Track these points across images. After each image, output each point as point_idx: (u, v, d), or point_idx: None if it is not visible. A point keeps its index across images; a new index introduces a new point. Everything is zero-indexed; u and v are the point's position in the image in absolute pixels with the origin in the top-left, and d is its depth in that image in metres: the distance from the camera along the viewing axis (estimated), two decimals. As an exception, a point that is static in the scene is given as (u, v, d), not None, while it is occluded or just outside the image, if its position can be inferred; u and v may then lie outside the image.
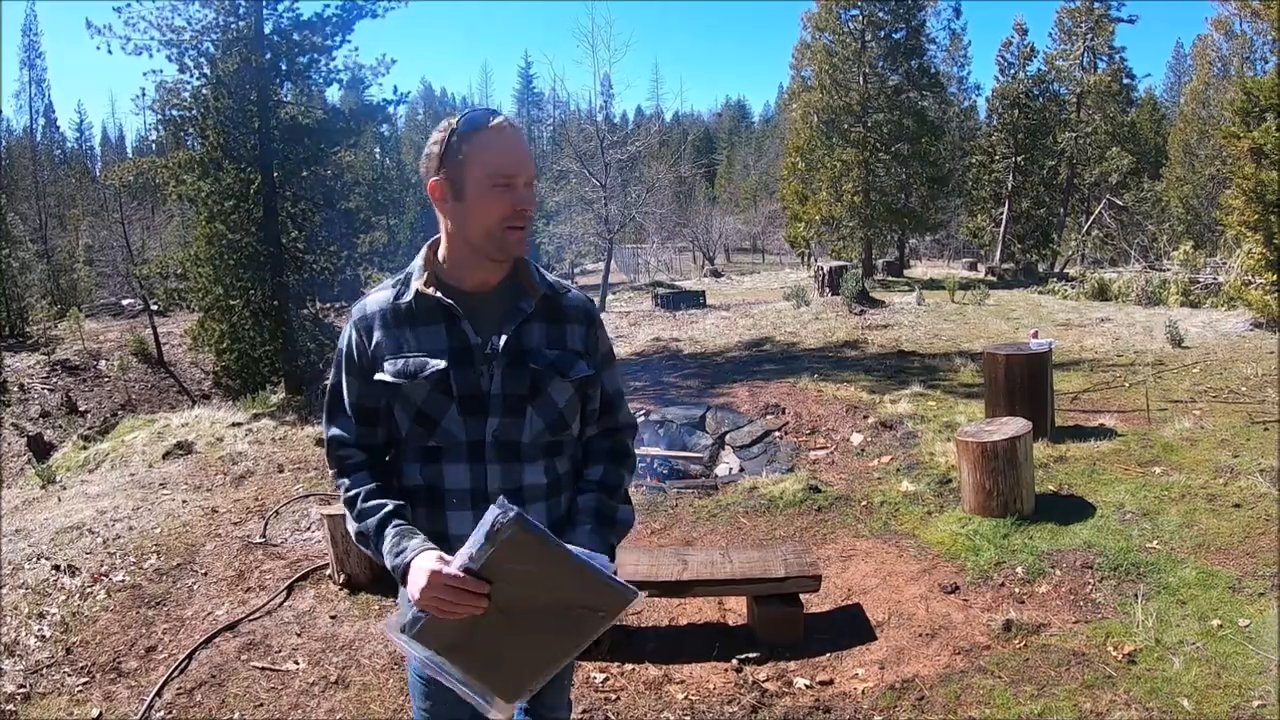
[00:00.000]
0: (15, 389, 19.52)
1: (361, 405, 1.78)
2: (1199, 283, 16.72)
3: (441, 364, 1.70)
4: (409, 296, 1.74)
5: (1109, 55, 30.07)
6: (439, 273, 1.77)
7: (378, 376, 1.72)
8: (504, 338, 1.72)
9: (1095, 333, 12.33)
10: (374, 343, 1.74)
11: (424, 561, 1.54)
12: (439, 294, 1.73)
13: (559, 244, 27.52)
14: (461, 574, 1.47)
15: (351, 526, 1.75)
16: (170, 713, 3.54)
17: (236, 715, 3.50)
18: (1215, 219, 22.20)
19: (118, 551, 5.30)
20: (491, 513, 1.45)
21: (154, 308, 23.21)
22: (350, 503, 1.74)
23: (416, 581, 1.52)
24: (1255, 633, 3.67)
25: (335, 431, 1.81)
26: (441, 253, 1.78)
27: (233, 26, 12.52)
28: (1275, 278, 12.20)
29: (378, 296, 1.78)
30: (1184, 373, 9.16)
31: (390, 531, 1.66)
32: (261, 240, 12.49)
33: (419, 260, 1.78)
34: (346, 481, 1.77)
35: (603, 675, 3.71)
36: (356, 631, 4.17)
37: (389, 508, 1.70)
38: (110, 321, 27.17)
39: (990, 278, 23.26)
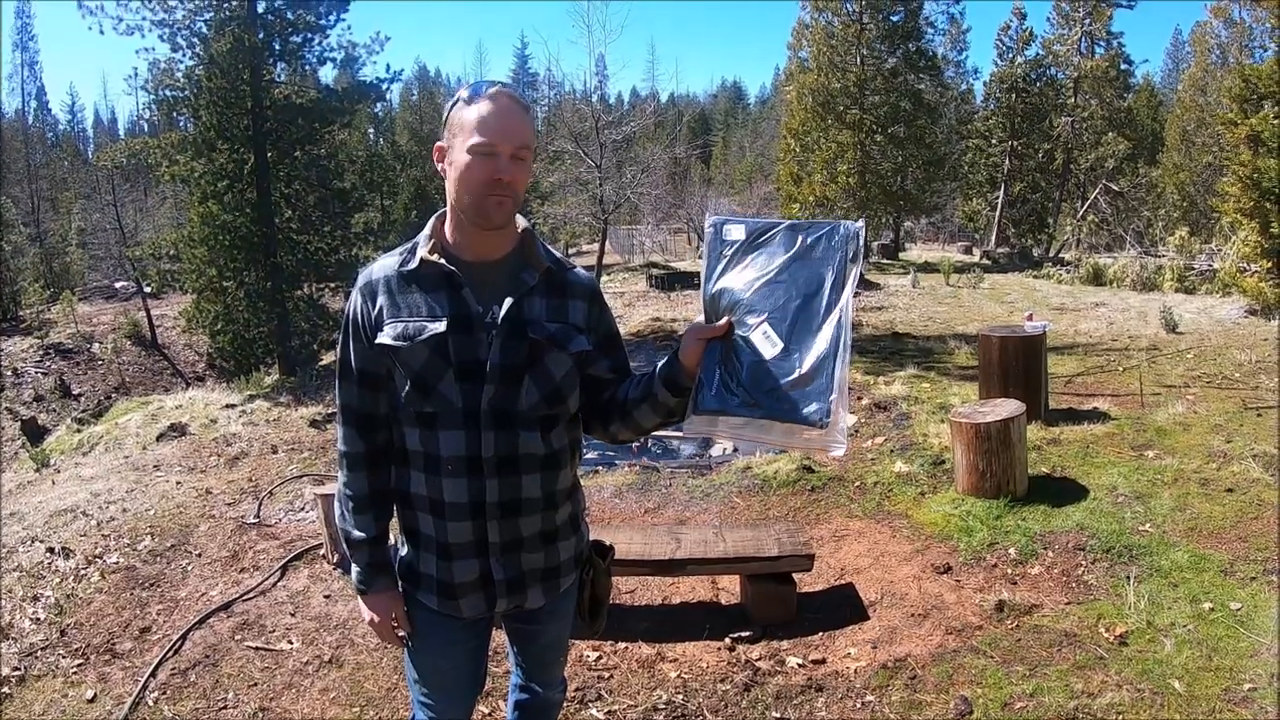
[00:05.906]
0: (9, 373, 19.45)
1: (365, 371, 1.81)
2: (1194, 269, 16.77)
3: (440, 328, 1.71)
4: (414, 264, 1.76)
5: (1107, 41, 29.99)
6: (444, 243, 1.79)
7: (379, 339, 1.74)
8: (505, 308, 1.73)
9: (1090, 317, 12.34)
10: (377, 308, 1.76)
11: (376, 603, 1.90)
12: (443, 261, 1.74)
13: (554, 224, 27.34)
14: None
15: (337, 521, 1.91)
16: (164, 693, 3.55)
17: (230, 695, 3.51)
18: (1211, 206, 22.23)
19: (112, 533, 5.29)
20: None
21: (147, 290, 23.14)
22: (343, 500, 1.89)
23: (370, 615, 1.91)
24: (1247, 616, 3.69)
25: (342, 398, 1.86)
26: (447, 223, 1.80)
27: (225, 6, 12.41)
28: (1270, 265, 12.23)
29: (383, 263, 1.81)
30: (1178, 358, 9.18)
31: (365, 559, 1.88)
32: (255, 221, 12.43)
33: (426, 229, 1.80)
34: (344, 477, 1.87)
35: (595, 654, 3.72)
36: (350, 611, 4.17)
37: (370, 534, 1.87)
38: (103, 304, 27.10)
39: (985, 261, 23.25)
